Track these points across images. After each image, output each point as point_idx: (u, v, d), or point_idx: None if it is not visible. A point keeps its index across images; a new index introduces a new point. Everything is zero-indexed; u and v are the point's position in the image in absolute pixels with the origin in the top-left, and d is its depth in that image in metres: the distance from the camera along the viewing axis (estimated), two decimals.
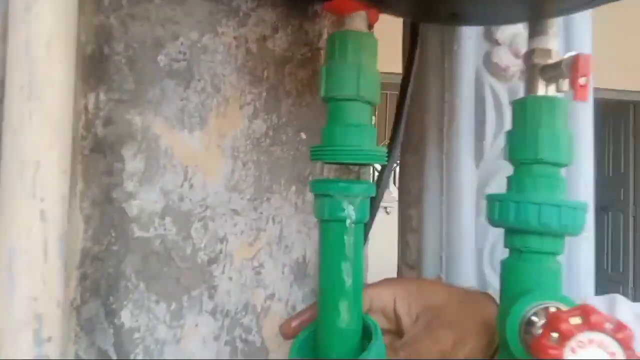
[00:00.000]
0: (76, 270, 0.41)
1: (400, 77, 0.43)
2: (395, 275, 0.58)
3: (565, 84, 0.34)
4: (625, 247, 3.79)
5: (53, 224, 0.27)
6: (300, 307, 0.44)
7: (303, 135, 0.45)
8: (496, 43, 0.49)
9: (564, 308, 0.32)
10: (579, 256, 0.50)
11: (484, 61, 0.51)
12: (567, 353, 0.25)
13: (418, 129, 0.54)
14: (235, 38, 0.44)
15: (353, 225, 0.34)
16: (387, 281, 0.40)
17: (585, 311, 0.26)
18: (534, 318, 0.32)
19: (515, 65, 0.49)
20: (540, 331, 0.30)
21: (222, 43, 0.44)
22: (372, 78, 0.34)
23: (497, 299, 0.38)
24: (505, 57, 0.48)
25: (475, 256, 0.51)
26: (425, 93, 0.53)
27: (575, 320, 0.26)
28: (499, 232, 0.52)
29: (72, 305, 0.41)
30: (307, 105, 0.45)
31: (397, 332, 0.38)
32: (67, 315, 0.40)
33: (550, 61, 0.35)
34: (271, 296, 0.44)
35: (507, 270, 0.36)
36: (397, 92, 0.43)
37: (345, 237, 0.33)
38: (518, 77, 0.49)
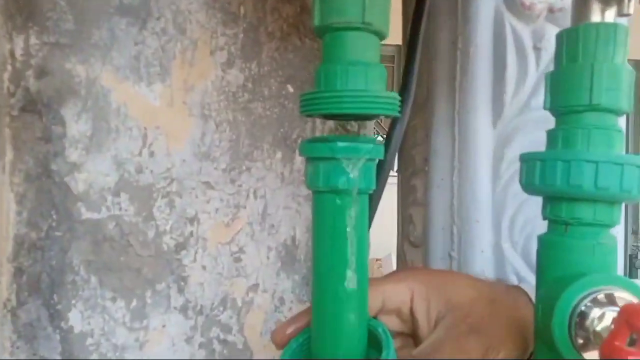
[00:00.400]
0: (9, 264, 0.33)
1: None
2: (393, 257, 0.51)
3: (632, 3, 0.26)
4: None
5: None
6: (289, 298, 0.37)
7: (290, 88, 0.37)
8: None
9: (628, 296, 0.25)
10: None
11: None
12: None
13: (425, 84, 0.47)
14: None
15: (358, 197, 0.26)
16: (401, 274, 0.32)
17: None
18: (589, 309, 0.25)
19: (541, 2, 0.41)
20: (607, 328, 0.23)
21: None
22: (380, 2, 0.26)
23: (531, 294, 0.31)
24: None
25: (492, 230, 0.44)
26: (433, 39, 0.45)
27: None
28: (520, 201, 0.45)
29: (6, 308, 0.33)
30: (294, 50, 0.37)
31: (413, 335, 0.30)
32: None
33: None
34: (254, 287, 0.36)
35: (549, 249, 0.28)
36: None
37: (347, 211, 0.26)
38: (545, 16, 0.42)
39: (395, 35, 0.50)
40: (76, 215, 0.34)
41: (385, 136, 0.36)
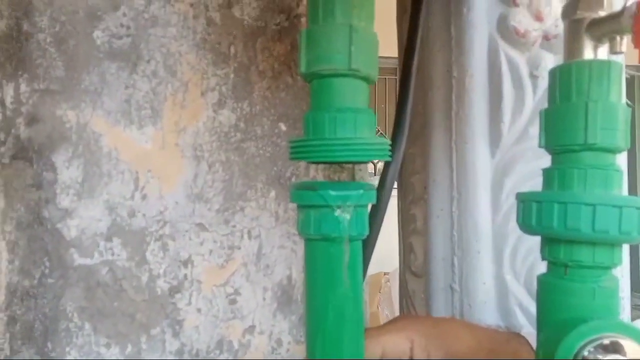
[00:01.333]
0: (1, 313, 0.33)
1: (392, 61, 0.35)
2: (395, 284, 0.50)
3: (624, 42, 0.25)
4: None
5: None
6: (286, 340, 0.36)
7: (282, 127, 0.36)
8: (513, 3, 0.40)
9: (631, 344, 0.24)
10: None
11: (498, 26, 0.43)
12: None
13: (421, 113, 0.46)
14: (192, 5, 0.36)
15: (349, 244, 0.25)
16: (400, 323, 0.32)
17: None
18: (592, 356, 0.25)
19: (536, 30, 0.41)
20: None
21: (176, 12, 0.35)
22: (368, 45, 0.26)
23: (532, 342, 0.30)
24: (524, 20, 0.40)
25: (494, 261, 0.44)
26: (428, 68, 0.44)
27: None
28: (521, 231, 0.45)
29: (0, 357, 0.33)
30: (286, 89, 0.37)
31: None
32: None
33: (602, 13, 0.27)
34: (251, 329, 0.36)
35: (548, 291, 0.28)
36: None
37: (341, 261, 0.25)
38: (540, 44, 0.41)
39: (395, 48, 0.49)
40: (69, 262, 0.33)
41: (382, 171, 0.35)
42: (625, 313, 0.44)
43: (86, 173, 0.34)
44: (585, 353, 0.25)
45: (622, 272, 0.44)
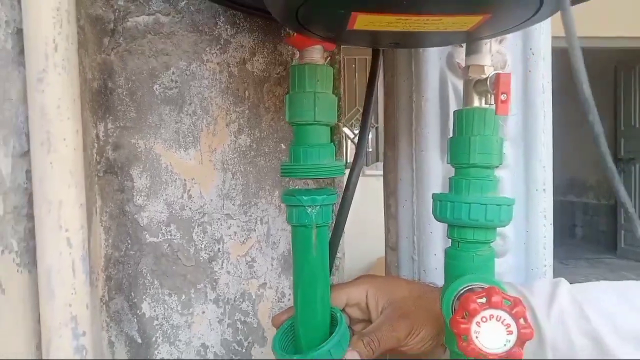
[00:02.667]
0: (102, 273, 0.50)
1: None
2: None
3: (491, 98, 0.39)
4: None
5: (77, 247, 0.35)
6: (288, 293, 0.52)
7: (283, 146, 0.52)
8: (458, 45, 0.53)
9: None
10: (537, 234, 0.56)
11: (447, 61, 0.56)
12: (473, 326, 0.32)
13: (393, 126, 0.60)
14: (218, 64, 0.51)
15: (317, 229, 0.41)
16: (361, 279, 0.46)
17: (489, 293, 0.33)
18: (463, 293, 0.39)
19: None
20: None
21: (208, 69, 0.51)
22: (327, 104, 0.41)
23: None
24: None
25: (442, 239, 0.58)
26: (397, 94, 0.58)
27: (481, 300, 0.33)
28: None
29: (102, 302, 0.50)
30: (284, 119, 0.52)
31: (369, 321, 0.45)
32: (97, 310, 0.49)
33: (483, 76, 0.40)
34: (263, 285, 0.52)
35: (448, 258, 0.42)
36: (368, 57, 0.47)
37: (311, 240, 0.41)
38: None
39: None
40: (143, 240, 0.50)
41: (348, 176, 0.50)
42: (547, 276, 0.58)
43: (152, 181, 0.50)
44: (462, 292, 0.39)
45: (546, 246, 0.58)
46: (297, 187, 0.52)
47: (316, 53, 0.41)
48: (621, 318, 0.42)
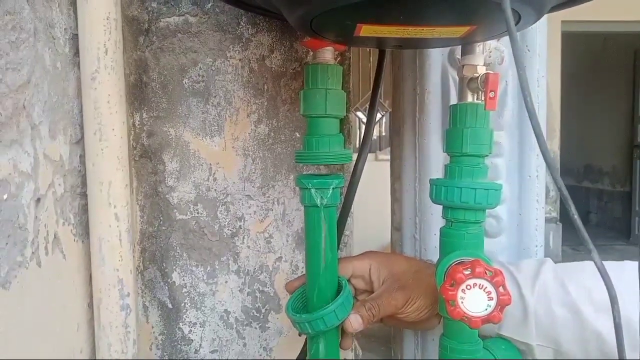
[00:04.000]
0: (138, 246, 0.57)
1: None
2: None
3: (482, 95, 0.44)
4: None
5: (123, 221, 0.42)
6: (301, 266, 0.59)
7: (297, 135, 0.58)
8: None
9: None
10: (530, 216, 0.61)
11: (448, 57, 0.61)
12: (459, 293, 0.38)
13: (400, 117, 0.65)
14: (240, 60, 0.57)
15: (326, 209, 0.46)
16: (366, 254, 0.52)
17: (474, 264, 0.38)
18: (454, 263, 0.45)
19: None
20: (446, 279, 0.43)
21: (231, 65, 0.56)
22: (337, 99, 0.46)
23: None
24: None
25: (441, 220, 0.63)
26: (402, 88, 0.63)
27: (467, 271, 0.38)
28: None
29: (138, 271, 0.57)
30: (299, 110, 0.58)
31: (372, 292, 0.51)
32: (135, 278, 0.56)
33: (476, 75, 0.45)
34: (279, 259, 0.59)
35: (442, 236, 0.48)
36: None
37: (320, 219, 0.46)
38: None
39: None
40: (173, 217, 0.57)
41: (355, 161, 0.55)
42: (538, 256, 0.63)
43: (181, 165, 0.57)
44: (453, 265, 0.45)
45: (537, 228, 0.63)
46: (310, 172, 0.58)
47: (328, 54, 0.47)
48: (597, 291, 0.47)
